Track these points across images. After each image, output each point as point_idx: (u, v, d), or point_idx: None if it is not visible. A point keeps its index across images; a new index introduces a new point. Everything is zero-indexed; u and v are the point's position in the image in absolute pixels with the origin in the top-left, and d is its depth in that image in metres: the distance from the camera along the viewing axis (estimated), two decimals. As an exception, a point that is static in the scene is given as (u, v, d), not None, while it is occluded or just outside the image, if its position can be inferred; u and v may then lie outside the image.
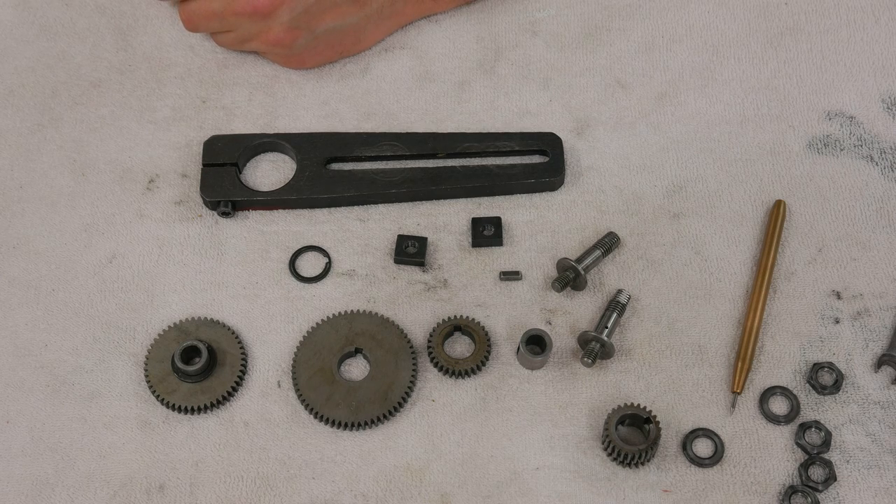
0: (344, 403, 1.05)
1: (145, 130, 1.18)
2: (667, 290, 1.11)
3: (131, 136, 1.18)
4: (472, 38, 1.23)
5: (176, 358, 1.05)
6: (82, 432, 1.05)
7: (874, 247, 1.12)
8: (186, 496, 1.03)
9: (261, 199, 1.14)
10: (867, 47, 1.21)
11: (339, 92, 1.20)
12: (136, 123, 1.18)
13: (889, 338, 1.08)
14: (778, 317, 1.09)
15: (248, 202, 1.14)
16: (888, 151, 1.16)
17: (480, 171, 1.15)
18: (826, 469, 1.02)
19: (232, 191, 1.13)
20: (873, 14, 1.23)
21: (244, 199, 1.14)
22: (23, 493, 1.03)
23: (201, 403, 1.05)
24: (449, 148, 1.16)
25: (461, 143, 1.16)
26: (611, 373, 1.07)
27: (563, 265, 1.09)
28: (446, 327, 1.08)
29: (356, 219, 1.14)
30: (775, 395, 1.06)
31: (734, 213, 1.14)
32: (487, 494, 1.02)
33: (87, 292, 1.11)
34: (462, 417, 1.06)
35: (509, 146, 1.16)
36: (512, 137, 1.16)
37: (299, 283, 1.11)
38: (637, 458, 1.02)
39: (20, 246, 1.13)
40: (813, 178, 1.16)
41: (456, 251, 1.13)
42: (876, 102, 1.19)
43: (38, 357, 1.08)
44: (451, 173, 1.15)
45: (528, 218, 1.14)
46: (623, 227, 1.13)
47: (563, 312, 1.10)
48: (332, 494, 1.03)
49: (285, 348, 1.08)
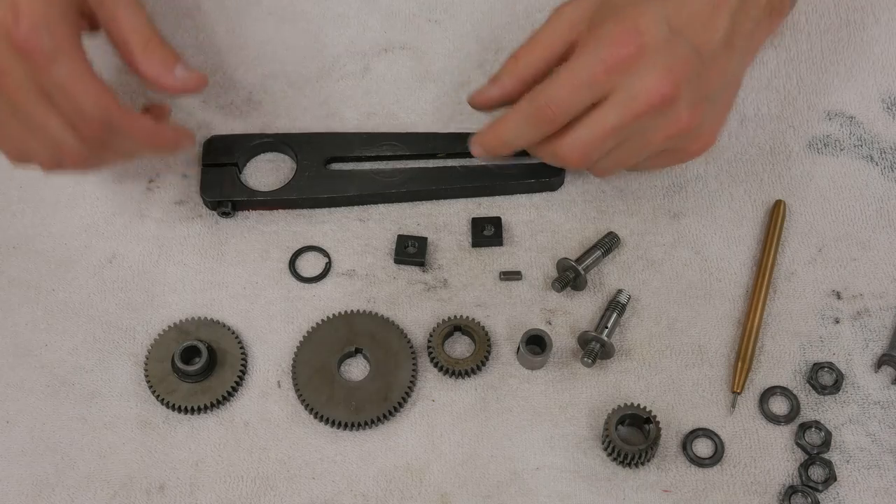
0: (344, 403, 1.05)
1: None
2: (667, 290, 1.11)
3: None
4: (472, 38, 1.23)
5: (176, 358, 1.05)
6: (82, 432, 1.05)
7: (874, 247, 1.12)
8: (186, 496, 1.03)
9: (261, 199, 1.13)
10: (867, 47, 1.21)
11: (339, 92, 1.20)
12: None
13: (889, 338, 1.08)
14: (778, 317, 1.09)
15: (249, 202, 1.13)
16: (888, 151, 1.16)
17: (480, 171, 1.14)
18: (826, 469, 1.02)
19: (232, 191, 1.13)
20: (873, 14, 1.23)
21: (245, 200, 1.13)
22: (23, 493, 1.03)
23: (201, 403, 1.05)
24: (449, 148, 1.15)
25: (461, 143, 1.15)
26: (611, 373, 1.07)
27: (563, 265, 1.09)
28: (446, 327, 1.08)
29: (356, 219, 1.14)
30: (775, 395, 1.06)
31: (734, 213, 1.14)
32: (487, 494, 1.02)
33: (87, 292, 1.11)
34: (462, 417, 1.06)
35: None
36: None
37: (299, 283, 1.11)
38: (637, 458, 1.02)
39: (20, 246, 1.13)
40: (813, 177, 1.16)
41: (456, 251, 1.13)
42: (876, 102, 1.19)
43: (38, 357, 1.08)
44: (452, 173, 1.14)
45: (528, 218, 1.14)
46: (623, 227, 1.13)
47: (563, 312, 1.10)
48: (332, 494, 1.03)
49: (285, 348, 1.08)
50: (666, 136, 1.00)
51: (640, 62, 0.97)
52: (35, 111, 0.94)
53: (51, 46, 0.91)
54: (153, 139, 1.00)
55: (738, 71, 1.05)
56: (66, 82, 0.92)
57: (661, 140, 1.00)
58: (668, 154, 1.04)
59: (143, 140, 0.99)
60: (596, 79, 0.97)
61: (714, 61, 0.99)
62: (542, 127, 1.01)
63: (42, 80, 0.92)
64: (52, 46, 0.91)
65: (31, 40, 0.90)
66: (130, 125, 0.97)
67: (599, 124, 0.98)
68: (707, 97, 1.00)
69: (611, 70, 0.97)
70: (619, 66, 0.97)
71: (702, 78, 0.99)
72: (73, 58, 0.92)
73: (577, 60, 0.98)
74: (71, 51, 0.92)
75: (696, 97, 0.99)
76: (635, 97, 0.97)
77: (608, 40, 0.97)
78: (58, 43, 0.91)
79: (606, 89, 0.98)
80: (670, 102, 0.97)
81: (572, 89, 0.98)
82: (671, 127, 0.99)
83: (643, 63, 0.97)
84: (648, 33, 0.97)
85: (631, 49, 0.96)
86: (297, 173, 1.14)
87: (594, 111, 0.98)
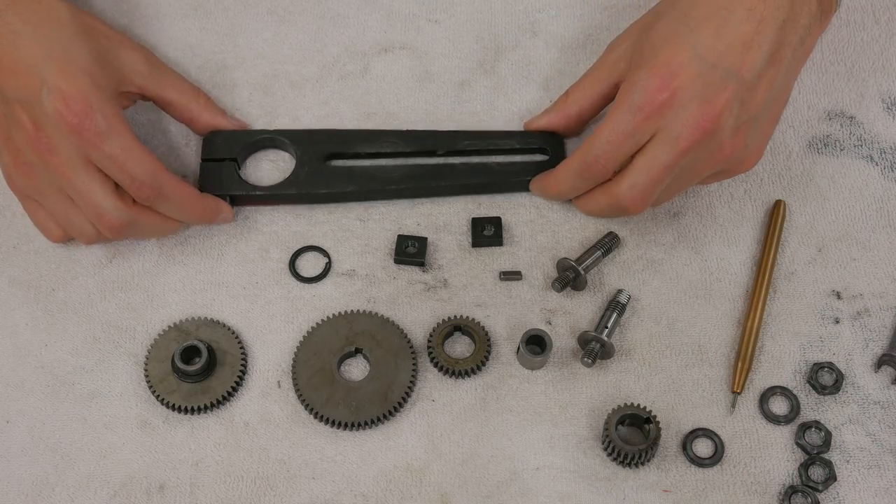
0: (344, 403, 1.05)
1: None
2: (667, 290, 1.11)
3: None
4: (472, 38, 1.23)
5: (176, 358, 1.05)
6: (82, 432, 1.05)
7: (874, 247, 1.12)
8: (186, 496, 1.03)
9: (260, 195, 1.13)
10: (867, 47, 1.21)
11: (339, 92, 1.20)
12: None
13: (889, 338, 1.08)
14: (778, 317, 1.09)
15: (248, 197, 1.13)
16: (888, 151, 1.16)
17: (481, 168, 1.14)
18: (826, 469, 1.02)
19: (231, 185, 1.13)
20: (873, 14, 1.23)
21: (243, 194, 1.13)
22: (23, 493, 1.03)
23: (201, 403, 1.05)
24: (449, 146, 1.15)
25: (461, 141, 1.15)
26: (611, 373, 1.07)
27: (563, 265, 1.09)
28: (446, 327, 1.08)
29: (356, 219, 1.14)
30: (775, 395, 1.06)
31: (734, 213, 1.14)
32: (487, 494, 1.02)
33: (87, 292, 1.11)
34: (462, 417, 1.06)
35: (510, 144, 1.16)
36: (513, 136, 1.16)
37: (299, 283, 1.11)
38: (637, 458, 1.02)
39: (20, 246, 1.13)
40: (813, 177, 1.16)
41: (456, 251, 1.13)
42: (876, 102, 1.19)
43: (38, 357, 1.08)
44: (452, 170, 1.14)
45: (528, 218, 1.14)
46: (623, 227, 1.13)
47: (563, 312, 1.10)
48: (332, 494, 1.03)
49: (285, 348, 1.08)
50: (712, 164, 1.03)
51: (677, 103, 1.00)
52: (81, 182, 1.02)
53: (103, 125, 1.00)
54: (195, 206, 1.08)
55: (786, 82, 1.05)
56: (118, 154, 1.01)
57: (708, 169, 1.04)
58: (720, 175, 1.07)
59: (187, 206, 1.07)
60: (637, 128, 1.01)
61: (758, 81, 1.01)
62: (593, 179, 1.07)
63: (91, 155, 1.01)
64: (105, 125, 1.00)
65: (84, 122, 0.99)
66: (178, 190, 1.06)
67: (652, 168, 1.02)
68: (752, 117, 1.02)
69: (649, 117, 1.01)
70: (657, 113, 1.01)
71: (745, 101, 1.01)
72: (123, 132, 1.02)
73: (616, 114, 1.02)
74: (120, 126, 1.02)
75: (738, 122, 1.01)
76: (678, 137, 1.00)
77: (642, 89, 1.01)
78: (108, 121, 1.01)
79: (649, 134, 1.02)
80: (712, 134, 1.00)
81: (616, 143, 1.02)
82: (716, 157, 1.02)
83: (680, 103, 1.00)
84: (683, 74, 1.00)
85: (665, 95, 1.00)
86: (296, 169, 1.14)
87: (642, 155, 1.02)
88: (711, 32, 1.00)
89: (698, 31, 1.00)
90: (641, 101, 1.00)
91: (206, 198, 1.10)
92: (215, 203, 1.11)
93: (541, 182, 1.12)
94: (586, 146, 1.05)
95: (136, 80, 1.10)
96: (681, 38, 1.01)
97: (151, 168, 1.03)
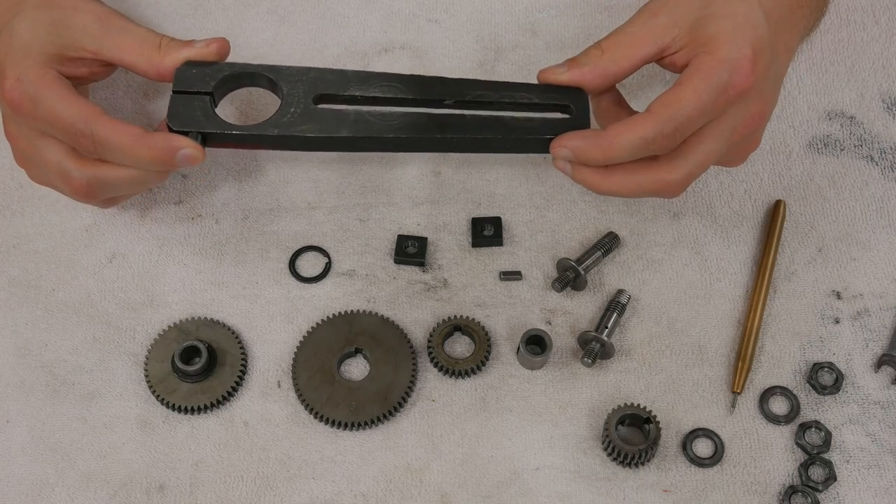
0: (344, 403, 1.05)
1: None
2: (667, 290, 1.11)
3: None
4: (472, 38, 1.23)
5: (176, 358, 1.05)
6: (82, 432, 1.05)
7: (874, 247, 1.12)
8: (186, 496, 1.03)
9: (237, 134, 0.99)
10: (867, 47, 1.21)
11: (339, 92, 1.20)
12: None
13: (889, 338, 1.08)
14: (778, 317, 1.09)
15: (222, 136, 0.98)
16: (888, 151, 1.16)
17: (493, 121, 0.99)
18: (826, 469, 1.02)
19: (204, 122, 0.98)
20: (873, 14, 1.23)
21: (217, 132, 0.98)
22: (23, 493, 1.03)
23: (201, 403, 1.05)
24: (458, 95, 1.00)
25: (473, 91, 1.00)
26: (611, 373, 1.07)
27: (563, 265, 1.09)
28: (446, 327, 1.08)
29: (356, 219, 1.14)
30: (775, 395, 1.06)
31: (734, 213, 1.14)
32: (487, 494, 1.02)
33: (87, 292, 1.11)
34: (462, 417, 1.06)
35: (528, 98, 1.00)
36: (532, 89, 1.01)
37: (299, 283, 1.11)
38: (637, 458, 1.02)
39: (20, 246, 1.13)
40: (813, 177, 1.16)
41: (456, 251, 1.13)
42: (876, 102, 1.19)
43: (38, 357, 1.08)
44: (460, 122, 0.99)
45: (528, 218, 1.14)
46: (623, 227, 1.13)
47: (563, 312, 1.10)
48: (332, 494, 1.03)
49: (285, 348, 1.08)
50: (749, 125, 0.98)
51: (749, 95, 0.95)
52: (39, 155, 1.01)
53: (32, 91, 0.98)
54: (141, 147, 0.97)
55: (794, 46, 1.07)
56: (48, 113, 0.98)
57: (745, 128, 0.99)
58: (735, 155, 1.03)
59: (129, 148, 0.97)
60: (716, 108, 0.95)
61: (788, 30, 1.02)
62: (661, 149, 0.96)
63: (38, 126, 0.99)
64: (32, 90, 0.98)
65: (17, 97, 0.98)
66: (114, 133, 0.97)
67: (708, 160, 0.97)
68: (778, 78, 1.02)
69: (731, 99, 0.95)
70: (734, 99, 0.95)
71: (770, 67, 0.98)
72: (51, 91, 0.98)
73: (702, 88, 0.93)
74: (47, 87, 0.98)
75: (773, 81, 0.99)
76: (733, 129, 0.96)
77: (732, 70, 0.94)
78: (35, 85, 0.98)
79: (714, 116, 0.95)
80: (754, 130, 0.99)
81: (696, 118, 0.94)
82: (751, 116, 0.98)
83: (749, 96, 0.95)
84: (761, 61, 0.95)
85: (750, 81, 0.94)
86: (280, 109, 1.00)
87: (700, 143, 0.96)
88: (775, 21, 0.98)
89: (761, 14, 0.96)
90: (729, 83, 0.93)
91: (153, 136, 0.97)
92: (166, 140, 0.97)
93: (579, 142, 0.96)
94: (664, 114, 0.93)
95: (88, 46, 1.00)
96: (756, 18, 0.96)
97: (82, 115, 0.96)
